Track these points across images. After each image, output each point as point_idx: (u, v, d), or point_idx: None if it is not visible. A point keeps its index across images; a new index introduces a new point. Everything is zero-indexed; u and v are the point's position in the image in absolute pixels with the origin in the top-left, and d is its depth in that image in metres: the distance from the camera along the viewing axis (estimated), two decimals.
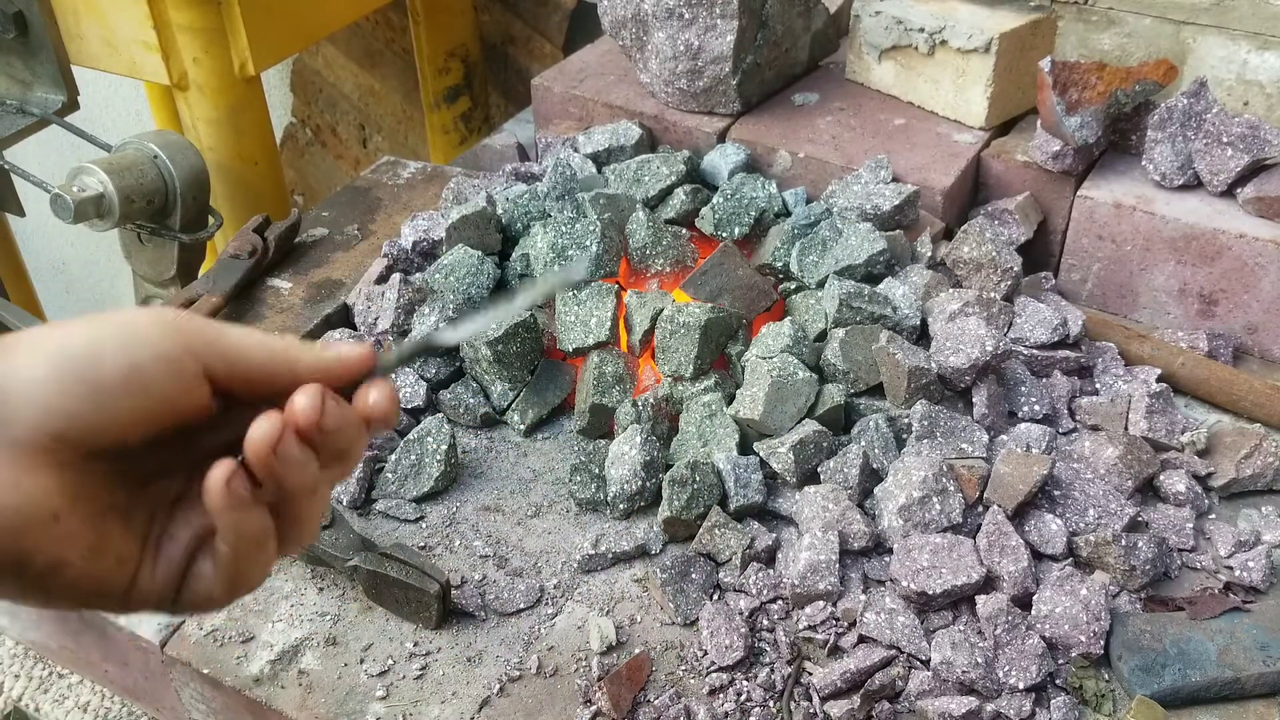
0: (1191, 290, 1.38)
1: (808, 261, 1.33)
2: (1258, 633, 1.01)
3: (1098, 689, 0.98)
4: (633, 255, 1.35)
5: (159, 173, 1.65)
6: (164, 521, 0.52)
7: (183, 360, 0.49)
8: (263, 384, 0.52)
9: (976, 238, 1.33)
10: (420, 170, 1.72)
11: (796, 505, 1.13)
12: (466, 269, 1.32)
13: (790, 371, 1.17)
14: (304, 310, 1.42)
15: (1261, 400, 1.26)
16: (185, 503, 0.52)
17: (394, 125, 2.83)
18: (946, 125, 1.55)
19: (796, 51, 1.64)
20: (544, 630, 1.06)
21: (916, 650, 1.00)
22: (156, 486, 0.52)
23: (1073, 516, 1.10)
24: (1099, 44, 1.64)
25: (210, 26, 1.70)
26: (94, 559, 0.48)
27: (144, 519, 0.51)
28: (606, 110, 1.63)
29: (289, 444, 0.49)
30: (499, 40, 2.56)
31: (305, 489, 0.51)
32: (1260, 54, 1.53)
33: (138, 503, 0.51)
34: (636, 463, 1.15)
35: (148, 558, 0.51)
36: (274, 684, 1.02)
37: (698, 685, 1.00)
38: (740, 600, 1.06)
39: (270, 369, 0.51)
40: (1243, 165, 1.34)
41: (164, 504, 0.52)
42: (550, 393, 1.30)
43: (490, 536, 1.16)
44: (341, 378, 0.53)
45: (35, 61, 1.76)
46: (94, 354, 0.47)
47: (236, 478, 0.49)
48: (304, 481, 0.51)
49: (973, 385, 1.19)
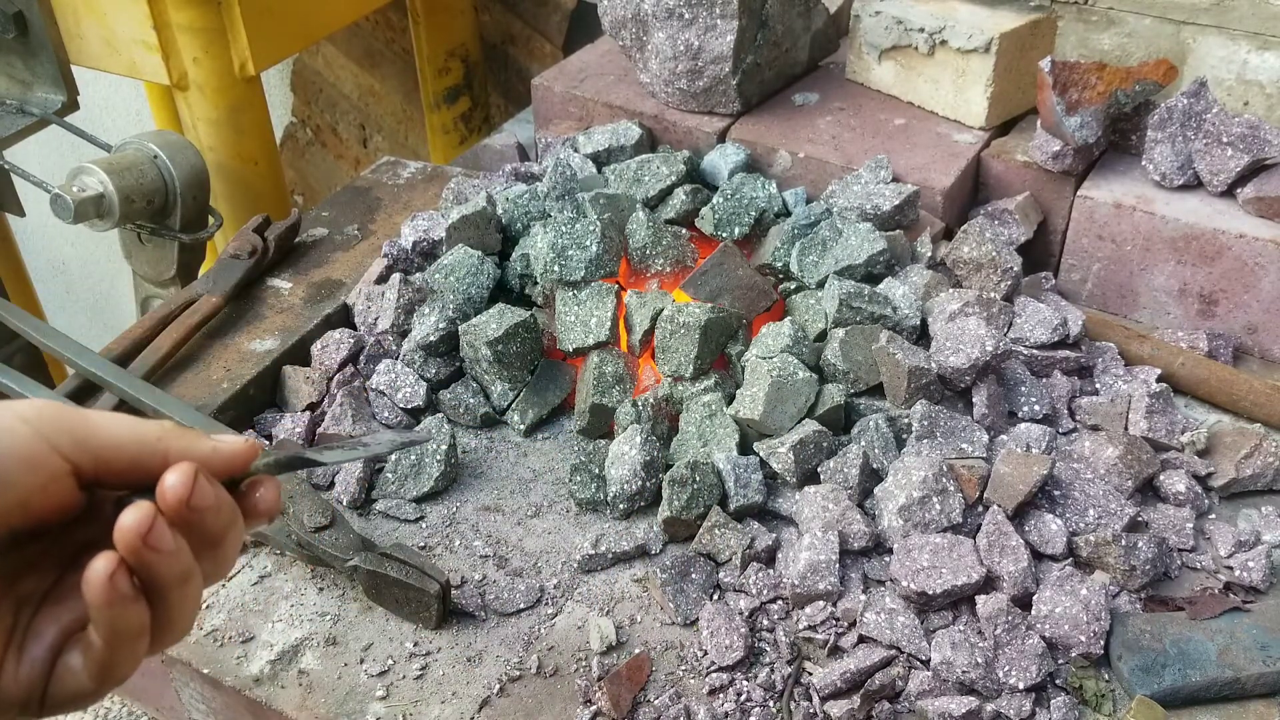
0: (1191, 290, 1.38)
1: (808, 261, 1.33)
2: (1258, 633, 1.01)
3: (1098, 689, 0.98)
4: (633, 255, 1.35)
5: (159, 173, 1.65)
6: (29, 619, 0.50)
7: (47, 461, 0.47)
8: (134, 474, 0.50)
9: (976, 238, 1.33)
10: (420, 170, 1.72)
11: (796, 505, 1.13)
12: (466, 269, 1.32)
13: (790, 371, 1.17)
14: (304, 310, 1.42)
15: (1261, 400, 1.26)
16: (53, 598, 0.50)
17: (394, 125, 2.83)
18: (946, 125, 1.55)
19: (796, 51, 1.64)
20: (544, 630, 1.06)
21: (916, 650, 1.00)
22: (23, 583, 0.50)
23: (1073, 516, 1.10)
24: (1099, 44, 1.64)
25: (210, 26, 1.70)
26: None
27: (6, 619, 0.49)
28: (606, 110, 1.63)
29: (160, 531, 0.47)
30: (499, 40, 2.56)
31: (177, 579, 0.49)
32: (1260, 54, 1.53)
33: (1, 601, 0.49)
34: (636, 463, 1.15)
35: (10, 658, 0.48)
36: (274, 684, 1.02)
37: (698, 685, 1.00)
38: (740, 600, 1.06)
39: (141, 459, 0.50)
40: (1243, 165, 1.34)
41: (30, 601, 0.50)
42: (550, 393, 1.30)
43: (490, 536, 1.16)
44: (218, 470, 0.51)
45: (35, 61, 1.76)
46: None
47: (120, 573, 0.47)
48: (176, 571, 0.48)
49: (973, 385, 1.19)
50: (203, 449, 0.51)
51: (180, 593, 0.50)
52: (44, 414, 0.48)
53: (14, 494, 0.46)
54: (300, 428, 1.24)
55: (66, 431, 0.48)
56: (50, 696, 0.50)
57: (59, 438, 0.48)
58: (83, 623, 0.50)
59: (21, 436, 0.47)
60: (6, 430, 0.47)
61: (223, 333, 1.38)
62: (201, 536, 0.50)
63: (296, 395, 1.30)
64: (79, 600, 0.50)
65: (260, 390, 1.32)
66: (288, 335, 1.37)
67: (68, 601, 0.50)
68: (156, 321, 1.35)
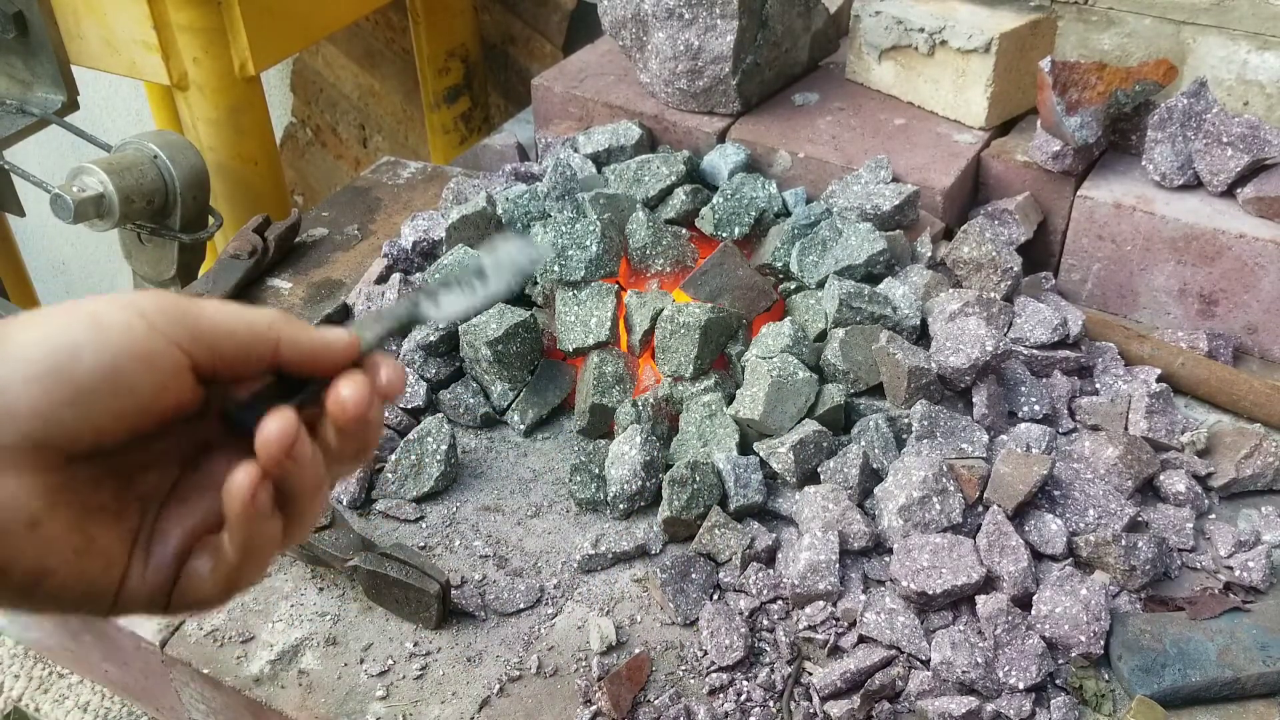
0: (1191, 290, 1.38)
1: (808, 261, 1.33)
2: (1258, 633, 1.01)
3: (1098, 689, 0.98)
4: (633, 255, 1.35)
5: (159, 173, 1.65)
6: (154, 519, 0.49)
7: (165, 355, 0.46)
8: (246, 363, 0.49)
9: (976, 238, 1.33)
10: (420, 170, 1.72)
11: (796, 505, 1.13)
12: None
13: (790, 371, 1.17)
14: (304, 310, 1.42)
15: (1261, 400, 1.26)
16: (176, 498, 0.50)
17: (394, 125, 2.83)
18: (946, 125, 1.55)
19: (796, 51, 1.64)
20: (544, 630, 1.06)
21: (916, 650, 1.00)
22: (145, 482, 0.49)
23: (1073, 516, 1.10)
24: (1099, 44, 1.64)
25: (210, 26, 1.70)
26: (79, 564, 0.45)
27: (133, 518, 0.48)
28: (606, 110, 1.63)
29: (304, 443, 0.47)
30: (499, 40, 2.56)
31: (312, 488, 0.49)
32: (1260, 54, 1.53)
33: (125, 501, 0.48)
34: (636, 463, 1.15)
35: (137, 558, 0.48)
36: (274, 684, 1.02)
37: (698, 685, 1.00)
38: (740, 600, 1.06)
39: (254, 347, 0.49)
40: (1243, 165, 1.34)
41: (154, 500, 0.49)
42: (550, 393, 1.30)
43: (490, 536, 1.16)
44: (332, 362, 0.50)
45: (35, 61, 1.76)
46: (71, 354, 0.44)
47: (262, 490, 0.46)
48: (312, 481, 0.48)
49: (973, 385, 1.19)
50: (314, 341, 0.50)
51: (313, 500, 0.49)
52: (161, 306, 0.46)
53: (137, 395, 0.45)
54: None
55: (183, 324, 0.46)
56: (176, 598, 0.49)
57: (176, 331, 0.46)
58: (208, 526, 0.49)
59: (140, 332, 0.45)
60: (124, 327, 0.45)
61: None
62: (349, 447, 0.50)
63: None
64: (203, 501, 0.49)
65: None
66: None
67: (191, 502, 0.49)
68: None
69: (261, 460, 0.46)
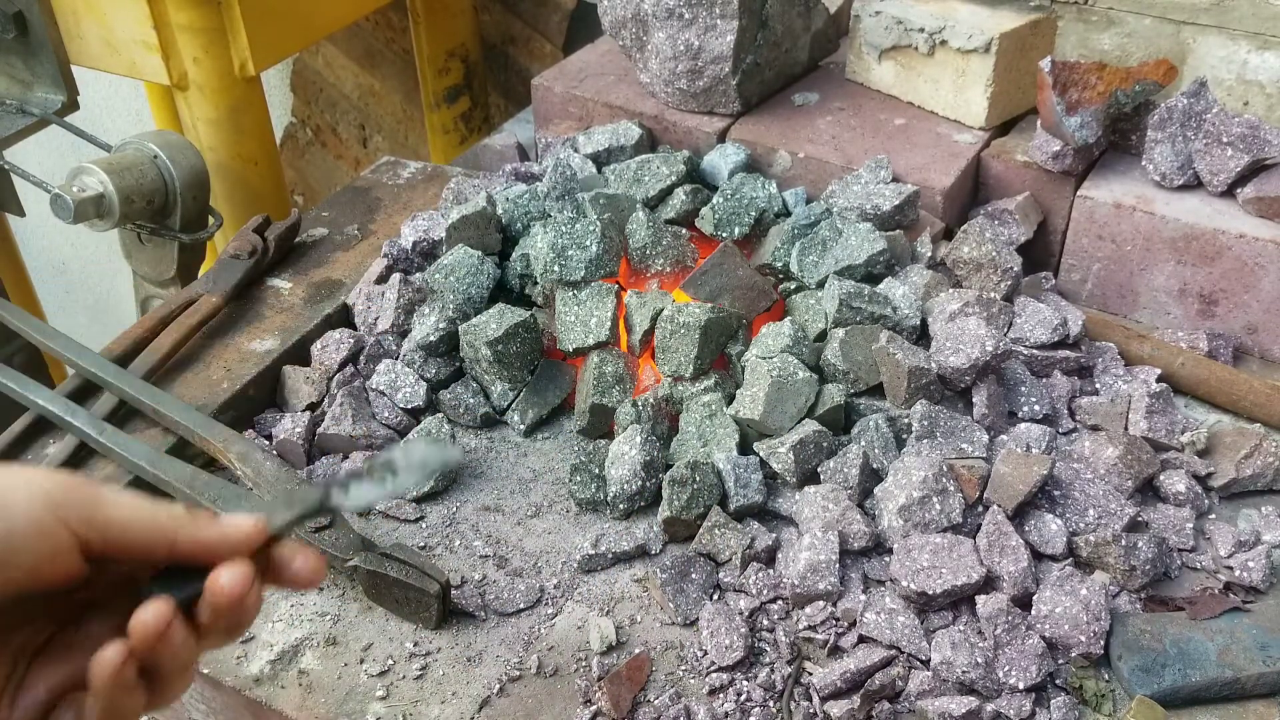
0: (1191, 290, 1.38)
1: (808, 261, 1.33)
2: (1258, 633, 1.01)
3: (1098, 689, 0.98)
4: (633, 255, 1.35)
5: (159, 173, 1.65)
6: (24, 671, 0.51)
7: (57, 534, 0.49)
8: (139, 554, 0.52)
9: (976, 238, 1.33)
10: (420, 170, 1.72)
11: (796, 505, 1.13)
12: (466, 269, 1.32)
13: (790, 371, 1.18)
14: (304, 310, 1.42)
15: (1261, 400, 1.26)
16: (49, 654, 0.52)
17: (394, 125, 2.83)
18: (946, 125, 1.55)
19: (796, 51, 1.65)
20: (544, 630, 1.06)
21: (916, 650, 1.00)
22: (20, 634, 0.51)
23: (1073, 516, 1.10)
24: (1099, 44, 1.64)
25: (210, 26, 1.70)
26: None
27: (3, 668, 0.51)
28: (606, 110, 1.63)
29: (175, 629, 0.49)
30: (499, 40, 2.56)
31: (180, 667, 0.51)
32: (1260, 54, 1.53)
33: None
34: (636, 463, 1.15)
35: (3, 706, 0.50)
36: (274, 684, 1.02)
37: (698, 685, 1.00)
38: (740, 600, 1.06)
39: (149, 542, 0.51)
40: (1243, 165, 1.34)
41: (25, 654, 0.52)
42: (550, 393, 1.30)
43: (490, 536, 1.16)
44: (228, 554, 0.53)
45: (35, 61, 1.76)
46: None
47: (129, 666, 0.49)
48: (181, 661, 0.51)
49: (973, 385, 1.19)
50: (211, 535, 0.53)
51: (180, 677, 0.52)
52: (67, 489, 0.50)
53: (23, 560, 0.48)
54: (300, 428, 1.24)
55: (78, 509, 0.50)
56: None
57: (74, 517, 0.50)
58: (75, 684, 0.51)
59: (37, 507, 0.49)
60: (24, 501, 0.48)
61: (223, 333, 1.38)
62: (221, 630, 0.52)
63: (296, 395, 1.30)
64: (75, 659, 0.52)
65: (260, 390, 1.32)
66: (288, 335, 1.37)
67: (63, 659, 0.52)
68: (156, 321, 1.35)
69: (135, 639, 0.49)
